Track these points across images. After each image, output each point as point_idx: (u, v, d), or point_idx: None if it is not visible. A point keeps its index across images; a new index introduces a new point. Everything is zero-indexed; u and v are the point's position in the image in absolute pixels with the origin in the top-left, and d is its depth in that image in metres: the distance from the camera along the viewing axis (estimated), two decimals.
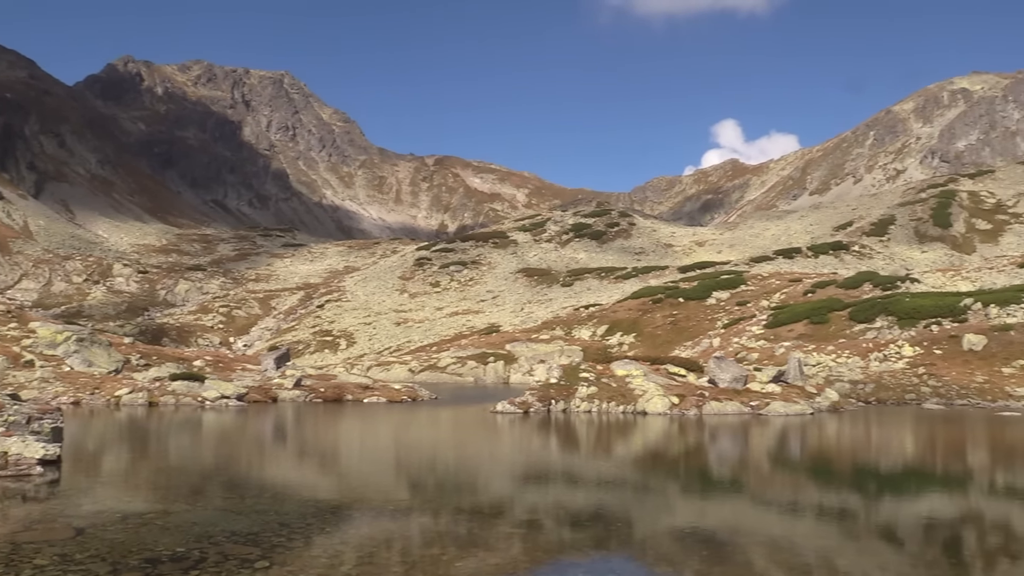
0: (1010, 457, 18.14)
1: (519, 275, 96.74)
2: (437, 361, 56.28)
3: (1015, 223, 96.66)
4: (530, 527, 9.55)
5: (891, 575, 7.91)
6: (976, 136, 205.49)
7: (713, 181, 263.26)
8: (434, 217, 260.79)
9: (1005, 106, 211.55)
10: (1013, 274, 58.54)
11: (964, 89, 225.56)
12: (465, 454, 17.82)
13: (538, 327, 66.29)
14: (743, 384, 27.93)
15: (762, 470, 15.67)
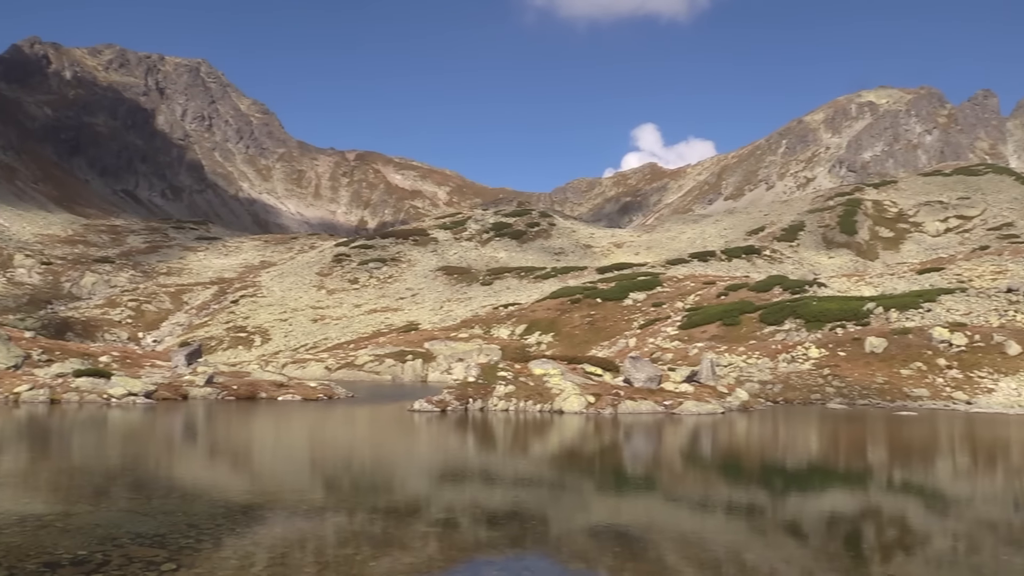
0: (906, 455, 19.00)
1: (439, 273, 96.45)
2: (355, 359, 55.64)
3: (915, 232, 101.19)
4: (446, 526, 9.55)
5: (796, 568, 8.21)
6: (881, 148, 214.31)
7: (632, 184, 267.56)
8: (354, 213, 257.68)
9: (908, 120, 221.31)
10: (912, 280, 61.28)
11: (871, 102, 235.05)
12: (381, 453, 17.69)
13: (457, 326, 66.22)
14: (657, 384, 28.49)
15: (674, 468, 16.03)
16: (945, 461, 17.69)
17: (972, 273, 60.33)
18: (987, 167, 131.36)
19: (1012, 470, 16.62)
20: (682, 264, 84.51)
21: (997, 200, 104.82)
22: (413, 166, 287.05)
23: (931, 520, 11.19)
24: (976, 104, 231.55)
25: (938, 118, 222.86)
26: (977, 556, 8.97)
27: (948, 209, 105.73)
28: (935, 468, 16.61)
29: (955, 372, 35.26)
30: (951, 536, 10.04)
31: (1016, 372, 34.57)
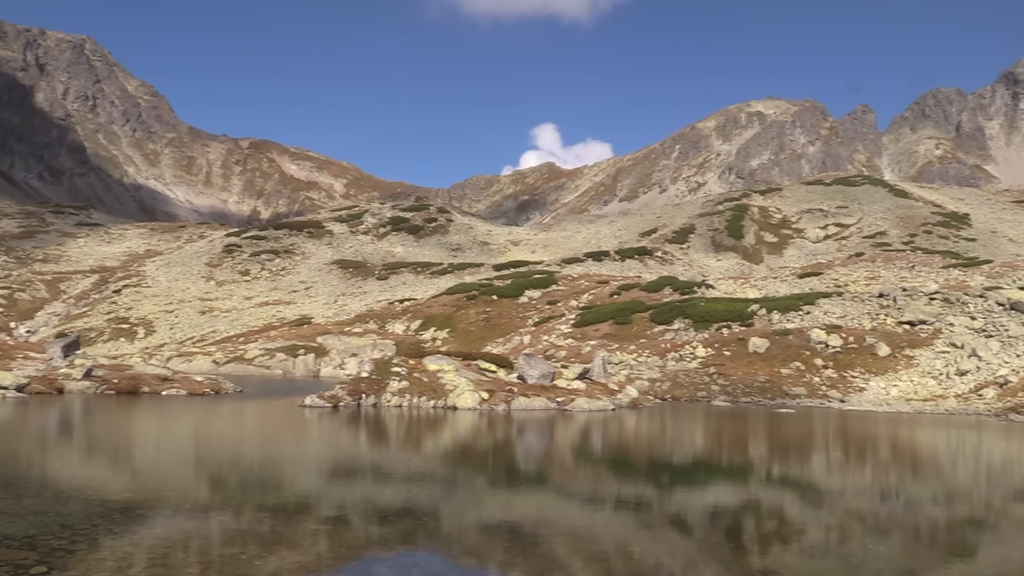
0: (784, 450, 19.89)
1: (334, 267, 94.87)
2: (244, 353, 54.13)
3: (797, 237, 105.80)
4: (336, 523, 9.44)
5: (680, 560, 8.49)
6: (768, 156, 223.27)
7: (530, 183, 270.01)
8: (246, 203, 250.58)
9: (793, 131, 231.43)
10: (793, 284, 64.10)
11: (759, 112, 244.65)
12: (270, 449, 17.29)
13: (351, 320, 65.32)
14: (551, 380, 28.86)
15: (565, 464, 16.29)
16: (819, 456, 18.61)
17: (848, 278, 63.57)
18: (864, 178, 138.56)
19: (879, 464, 17.62)
20: (577, 263, 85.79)
21: (872, 210, 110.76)
22: (309, 157, 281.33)
23: (805, 512, 11.76)
24: (855, 119, 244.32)
25: (821, 130, 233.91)
26: (846, 546, 9.49)
27: (828, 217, 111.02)
28: (810, 463, 17.45)
29: (831, 372, 37.08)
30: (823, 527, 10.58)
31: (885, 372, 36.64)
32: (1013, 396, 31.22)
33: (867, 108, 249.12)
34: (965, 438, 22.93)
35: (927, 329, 40.01)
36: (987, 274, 55.50)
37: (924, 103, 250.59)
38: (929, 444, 21.73)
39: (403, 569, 7.71)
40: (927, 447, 21.13)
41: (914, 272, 63.19)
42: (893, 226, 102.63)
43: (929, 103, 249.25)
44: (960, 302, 42.51)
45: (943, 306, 42.47)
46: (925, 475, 16.12)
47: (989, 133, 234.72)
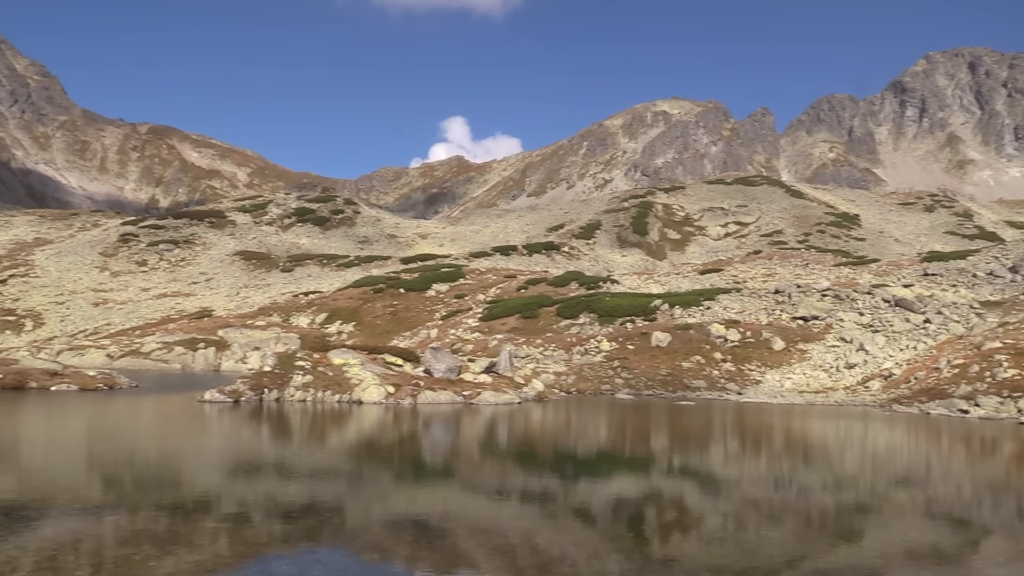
0: (684, 442, 20.45)
1: (236, 258, 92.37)
2: (141, 346, 52.14)
3: (699, 235, 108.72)
4: (236, 521, 9.23)
5: (584, 550, 8.64)
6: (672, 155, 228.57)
7: (439, 176, 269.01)
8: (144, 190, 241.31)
9: (697, 131, 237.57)
10: (695, 280, 65.84)
11: (665, 112, 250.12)
12: (167, 446, 16.73)
13: (254, 313, 63.75)
14: (457, 374, 28.88)
15: (471, 457, 16.34)
16: (717, 447, 19.21)
17: (747, 275, 65.70)
18: (763, 179, 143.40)
19: (773, 454, 18.32)
20: (485, 257, 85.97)
21: (770, 209, 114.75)
22: (212, 144, 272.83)
23: (704, 501, 12.13)
24: (755, 121, 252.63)
25: (723, 131, 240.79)
26: (742, 533, 9.84)
27: (728, 215, 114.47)
28: (708, 454, 18.00)
29: (729, 365, 38.30)
30: (721, 515, 10.93)
31: (780, 365, 38.08)
32: (896, 388, 32.92)
33: (766, 111, 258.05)
34: (852, 428, 24.04)
35: (819, 324, 41.75)
36: (875, 272, 58.27)
37: (819, 108, 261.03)
38: (819, 434, 22.70)
39: (304, 566, 7.60)
40: (817, 437, 22.07)
41: (808, 270, 65.79)
42: (789, 225, 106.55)
43: (824, 108, 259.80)
44: (850, 299, 44.51)
45: (834, 302, 44.39)
46: (815, 464, 16.83)
47: (879, 138, 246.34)
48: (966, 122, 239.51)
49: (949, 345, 36.48)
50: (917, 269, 55.37)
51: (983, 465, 17.34)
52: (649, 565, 8.07)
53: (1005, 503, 12.76)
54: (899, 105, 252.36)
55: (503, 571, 7.89)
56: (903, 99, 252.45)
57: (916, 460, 18.44)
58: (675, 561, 8.27)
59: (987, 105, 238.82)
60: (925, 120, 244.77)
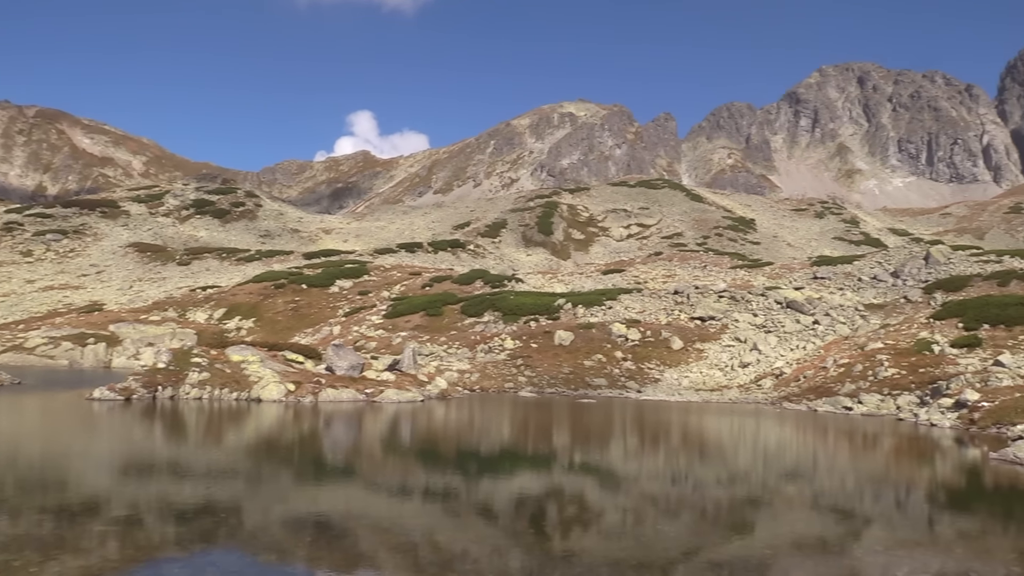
0: (585, 439, 20.77)
1: (130, 250, 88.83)
2: (24, 341, 49.53)
3: (603, 235, 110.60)
4: (126, 524, 8.88)
5: (486, 547, 8.68)
6: (578, 156, 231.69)
7: (345, 170, 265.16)
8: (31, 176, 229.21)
9: (602, 133, 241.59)
10: (598, 280, 66.92)
11: (571, 113, 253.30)
12: (53, 446, 15.94)
13: (149, 307, 61.43)
14: (360, 372, 28.57)
15: (373, 456, 16.19)
16: (616, 443, 19.60)
17: (647, 275, 67.20)
18: (664, 182, 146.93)
19: (670, 450, 18.82)
20: (390, 254, 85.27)
21: (671, 212, 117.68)
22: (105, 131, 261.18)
23: (604, 497, 12.37)
24: (658, 125, 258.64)
25: (627, 134, 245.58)
26: (640, 527, 10.07)
27: (631, 217, 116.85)
28: (608, 450, 18.35)
29: (629, 363, 39.10)
30: (620, 510, 11.17)
31: (678, 364, 39.11)
32: (786, 386, 34.29)
33: (669, 116, 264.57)
34: (745, 425, 24.92)
35: (716, 324, 43.08)
36: (768, 275, 60.51)
37: (719, 115, 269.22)
38: (714, 431, 23.43)
39: (197, 569, 7.38)
40: (712, 434, 22.78)
41: (706, 271, 67.78)
42: (689, 228, 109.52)
43: (724, 115, 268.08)
44: (745, 300, 46.09)
45: (730, 303, 45.88)
46: (710, 459, 17.38)
47: (774, 146, 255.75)
48: (854, 133, 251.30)
49: (836, 345, 38.21)
50: (807, 273, 57.75)
51: (864, 459, 18.24)
52: (550, 560, 8.18)
53: (884, 495, 13.47)
54: (793, 115, 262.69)
55: (404, 570, 7.86)
56: (797, 109, 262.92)
57: (804, 455, 19.25)
58: (575, 556, 8.40)
59: (874, 118, 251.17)
60: (817, 130, 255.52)
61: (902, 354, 33.20)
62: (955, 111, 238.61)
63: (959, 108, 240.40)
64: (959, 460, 17.92)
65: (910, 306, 43.96)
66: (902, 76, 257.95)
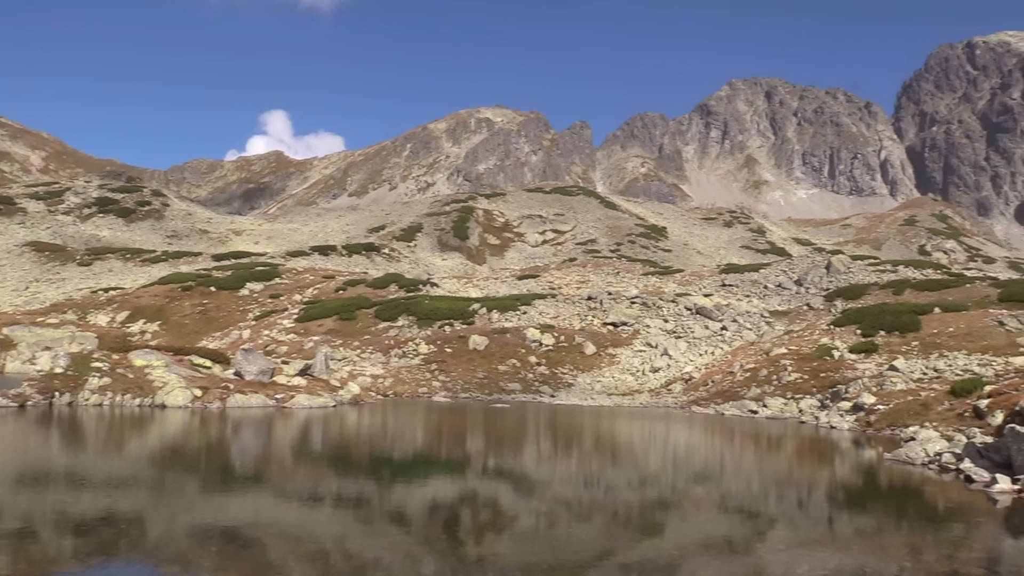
0: (498, 443, 20.82)
1: (26, 249, 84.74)
2: None
3: (518, 241, 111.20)
4: (19, 538, 8.46)
5: (399, 553, 8.61)
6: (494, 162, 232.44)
7: (257, 171, 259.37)
8: None
9: (519, 139, 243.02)
10: (513, 285, 67.26)
11: (488, 119, 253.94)
12: None
13: (46, 309, 58.74)
14: (270, 377, 27.99)
15: (283, 463, 15.87)
16: (530, 448, 19.73)
17: (562, 281, 67.87)
18: (579, 189, 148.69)
19: (583, 454, 19.04)
20: (303, 256, 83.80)
21: (585, 219, 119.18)
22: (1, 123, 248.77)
23: (517, 501, 12.43)
24: (574, 133, 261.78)
25: (543, 141, 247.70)
26: (552, 531, 10.16)
27: (546, 223, 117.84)
28: (521, 454, 18.45)
29: (543, 368, 39.42)
30: (533, 514, 11.24)
31: (591, 369, 39.64)
32: (695, 390, 35.14)
33: (584, 124, 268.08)
34: (656, 428, 25.42)
35: (628, 330, 43.83)
36: (679, 282, 61.90)
37: (633, 124, 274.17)
38: (626, 435, 23.82)
39: None
40: (624, 438, 23.15)
41: (619, 278, 68.89)
42: (603, 235, 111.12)
43: (637, 125, 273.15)
44: (656, 306, 47.04)
45: (642, 309, 46.75)
46: (622, 463, 17.66)
47: (685, 156, 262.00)
48: (762, 146, 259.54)
49: (742, 351, 39.37)
50: (716, 280, 59.34)
51: (769, 461, 18.84)
52: (463, 566, 8.17)
53: (787, 495, 13.94)
54: (704, 126, 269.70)
55: None
56: (708, 121, 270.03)
57: (711, 458, 19.75)
58: (488, 561, 8.42)
59: (780, 131, 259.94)
60: (727, 142, 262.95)
61: (804, 359, 34.44)
62: (855, 127, 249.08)
63: (859, 124, 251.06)
64: (856, 461, 18.68)
65: (812, 313, 45.65)
66: (807, 92, 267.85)
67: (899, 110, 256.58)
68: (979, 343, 32.38)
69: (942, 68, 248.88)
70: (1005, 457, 14.12)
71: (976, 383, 23.42)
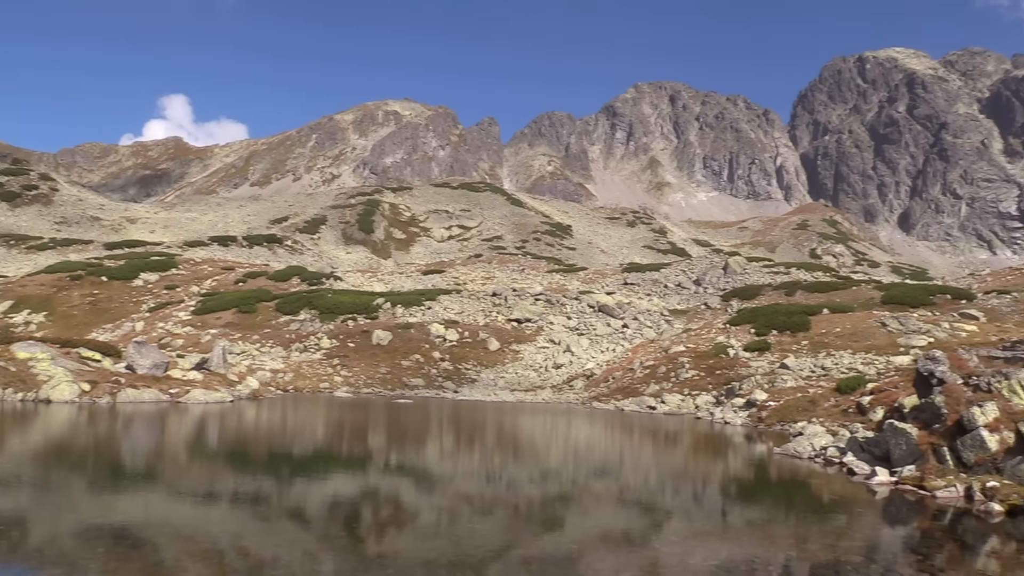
0: (400, 439, 20.72)
1: None
2: None
3: (424, 236, 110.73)
4: None
5: (298, 551, 8.46)
6: (401, 155, 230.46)
7: (154, 156, 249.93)
8: None
9: (426, 134, 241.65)
10: (418, 280, 66.90)
11: (396, 112, 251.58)
12: None
13: None
14: (164, 371, 27.09)
15: (177, 459, 15.38)
16: (432, 444, 19.70)
17: (467, 277, 67.89)
18: (486, 186, 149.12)
19: (485, 450, 19.14)
20: (201, 247, 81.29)
21: (492, 215, 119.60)
22: None
23: (419, 497, 12.40)
24: (482, 129, 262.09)
25: (451, 136, 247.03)
26: (454, 527, 10.19)
27: (452, 218, 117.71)
28: (424, 450, 18.41)
29: (447, 364, 39.39)
30: (435, 510, 11.24)
31: (495, 365, 39.82)
32: (596, 387, 35.76)
33: (492, 120, 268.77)
34: (557, 424, 25.76)
35: (532, 326, 44.22)
36: (582, 279, 62.79)
37: (541, 123, 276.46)
38: (528, 430, 24.06)
39: None
40: (526, 433, 23.38)
41: (524, 274, 69.40)
42: (509, 231, 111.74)
43: (545, 123, 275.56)
44: (559, 303, 47.62)
45: (546, 306, 47.25)
46: (523, 458, 17.83)
47: (591, 156, 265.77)
48: (665, 148, 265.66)
49: (643, 348, 40.27)
50: (619, 278, 60.48)
51: (665, 456, 19.36)
52: (363, 563, 8.11)
53: (682, 489, 14.36)
54: (610, 127, 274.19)
55: None
56: (614, 122, 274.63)
57: (611, 453, 20.16)
58: (388, 557, 8.38)
59: (683, 135, 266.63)
60: (631, 143, 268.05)
61: (701, 357, 35.48)
62: (754, 133, 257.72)
63: (757, 131, 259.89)
64: (748, 455, 19.39)
65: (710, 312, 47.07)
66: (709, 97, 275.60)
67: (795, 118, 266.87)
68: (863, 343, 34.03)
69: (835, 80, 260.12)
70: (884, 451, 14.90)
71: (859, 381, 24.62)
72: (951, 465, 12.97)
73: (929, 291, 44.62)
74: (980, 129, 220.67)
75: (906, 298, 42.75)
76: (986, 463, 12.48)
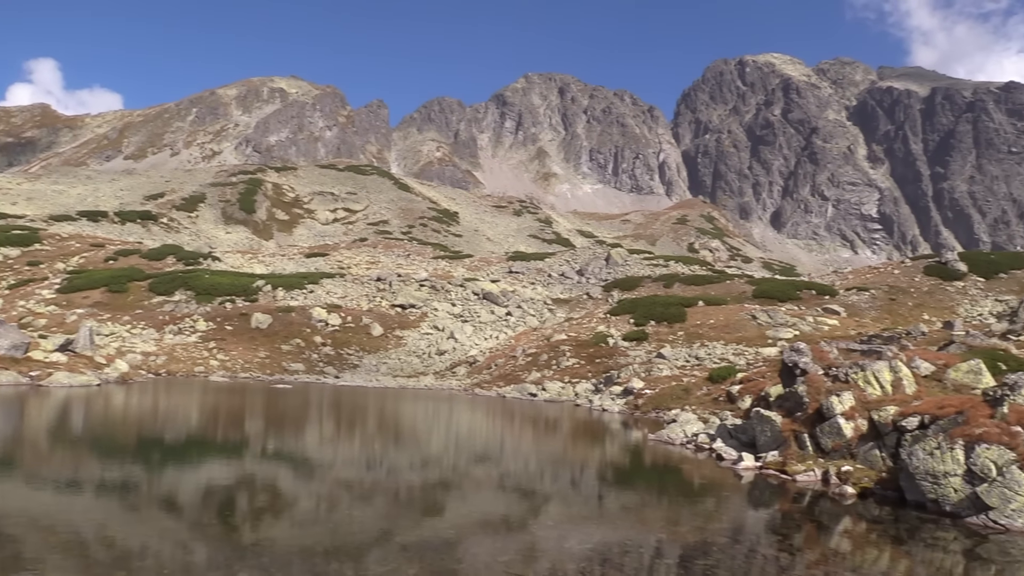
0: (278, 425, 20.28)
1: None
2: None
3: (308, 218, 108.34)
4: None
5: (168, 541, 8.19)
6: (287, 134, 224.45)
7: (18, 123, 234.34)
8: None
9: (313, 113, 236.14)
10: (300, 262, 65.52)
11: (282, 89, 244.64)
12: None
13: None
14: (24, 352, 25.59)
15: (36, 446, 14.58)
16: (311, 430, 19.39)
17: (351, 261, 66.96)
18: (373, 169, 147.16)
19: (366, 436, 18.99)
20: (69, 222, 76.95)
21: (378, 199, 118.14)
22: None
23: (297, 485, 12.20)
24: (371, 112, 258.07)
25: (339, 117, 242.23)
26: (333, 514, 10.09)
27: (338, 201, 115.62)
28: (302, 437, 18.10)
29: (328, 349, 38.78)
30: (313, 498, 11.09)
31: (378, 350, 39.48)
32: (479, 374, 35.99)
33: (382, 103, 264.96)
34: (439, 410, 25.80)
35: (416, 312, 44.06)
36: (468, 267, 62.95)
37: (431, 108, 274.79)
38: (409, 416, 24.00)
39: None
40: (407, 419, 23.32)
41: (409, 260, 69.01)
42: (395, 216, 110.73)
43: (435, 109, 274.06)
44: (444, 290, 47.62)
45: (431, 292, 47.16)
46: (404, 445, 17.79)
47: (480, 144, 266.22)
48: (553, 139, 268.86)
49: (525, 336, 40.78)
50: (504, 267, 60.98)
51: (545, 442, 19.71)
52: (237, 552, 7.93)
53: (560, 474, 14.68)
54: (500, 116, 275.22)
55: (69, 571, 7.18)
56: (504, 111, 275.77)
57: (491, 439, 20.36)
58: (264, 546, 8.22)
59: (570, 127, 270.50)
60: (520, 133, 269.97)
61: (582, 345, 36.24)
62: (639, 129, 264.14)
63: (642, 127, 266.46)
64: (624, 442, 19.97)
65: (591, 302, 48.09)
66: (597, 92, 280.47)
67: (678, 116, 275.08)
68: (735, 334, 35.56)
69: (717, 81, 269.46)
70: (751, 437, 15.67)
71: (730, 371, 25.74)
72: (811, 451, 13.77)
73: (796, 287, 47.02)
74: (847, 135, 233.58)
75: (775, 293, 44.91)
76: (842, 449, 13.32)
